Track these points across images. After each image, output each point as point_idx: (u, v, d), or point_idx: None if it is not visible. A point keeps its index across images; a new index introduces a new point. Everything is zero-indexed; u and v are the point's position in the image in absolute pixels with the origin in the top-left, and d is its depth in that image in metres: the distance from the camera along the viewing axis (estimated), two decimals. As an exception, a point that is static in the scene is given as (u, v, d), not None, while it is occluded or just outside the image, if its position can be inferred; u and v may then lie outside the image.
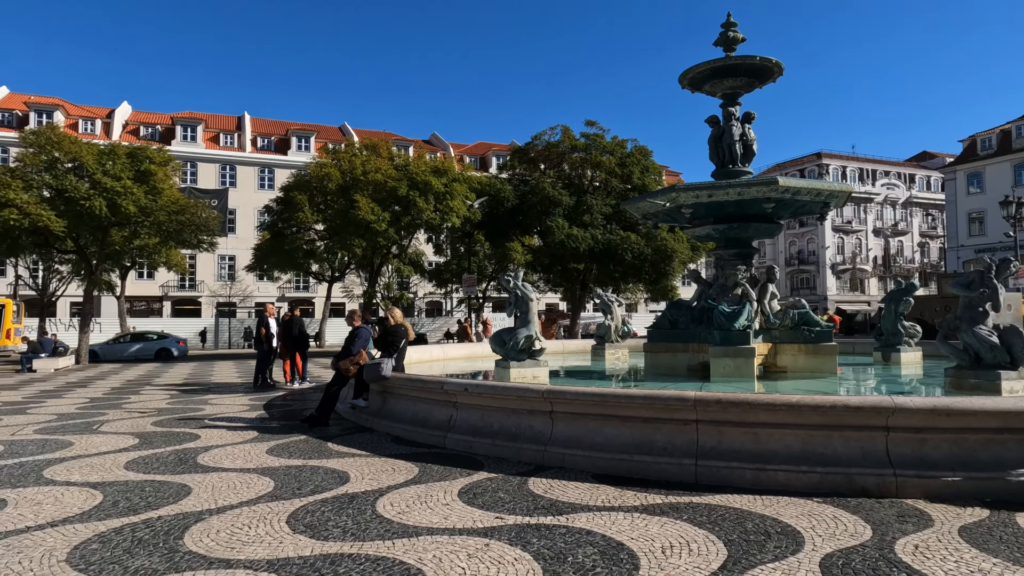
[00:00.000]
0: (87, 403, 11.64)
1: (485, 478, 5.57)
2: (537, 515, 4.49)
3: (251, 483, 5.48)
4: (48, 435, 8.08)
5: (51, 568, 3.61)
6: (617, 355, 14.30)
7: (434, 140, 64.64)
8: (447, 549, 3.83)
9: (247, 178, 52.51)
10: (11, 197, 21.52)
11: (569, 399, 6.10)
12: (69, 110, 50.23)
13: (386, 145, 32.63)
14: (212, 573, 3.51)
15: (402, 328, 9.06)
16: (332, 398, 8.73)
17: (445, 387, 7.27)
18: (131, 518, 4.52)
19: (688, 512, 4.51)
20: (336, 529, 4.23)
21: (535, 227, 32.21)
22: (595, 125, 32.44)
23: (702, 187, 9.70)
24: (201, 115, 54.80)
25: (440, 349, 16.80)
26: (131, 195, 22.93)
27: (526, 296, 9.26)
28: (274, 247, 32.10)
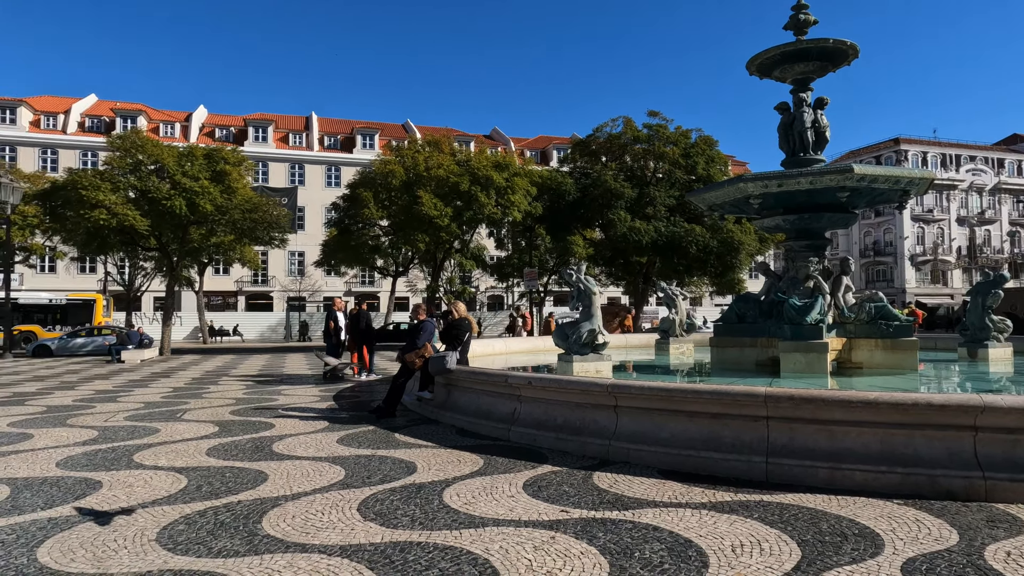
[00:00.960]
0: (170, 392, 12.29)
1: (549, 471, 5.58)
2: (602, 509, 4.47)
3: (323, 471, 5.67)
4: (137, 422, 8.58)
5: (143, 547, 3.83)
6: (681, 350, 14.05)
7: (495, 135, 64.93)
8: (513, 540, 3.87)
9: (315, 176, 54.15)
10: (101, 198, 22.87)
11: (634, 394, 6.03)
12: (151, 115, 52.97)
13: (448, 141, 32.98)
14: (289, 556, 3.65)
15: (466, 322, 9.17)
16: (399, 390, 8.93)
17: (509, 380, 7.31)
18: (213, 502, 4.75)
19: (759, 511, 4.39)
20: (405, 518, 4.33)
21: (597, 220, 31.94)
22: (658, 115, 31.86)
23: (771, 176, 9.39)
24: (271, 116, 56.79)
25: (502, 343, 16.91)
26: (208, 194, 24.00)
27: (589, 290, 9.20)
28: (341, 243, 32.98)
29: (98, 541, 3.92)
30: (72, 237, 26.20)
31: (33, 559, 3.64)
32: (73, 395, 11.98)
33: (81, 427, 8.19)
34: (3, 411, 9.80)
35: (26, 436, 7.57)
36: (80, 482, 5.35)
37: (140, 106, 53.58)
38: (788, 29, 9.94)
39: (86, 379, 15.52)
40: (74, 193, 23.53)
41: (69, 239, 27.22)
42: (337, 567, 3.49)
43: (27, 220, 31.47)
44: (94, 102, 55.05)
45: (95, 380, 15.18)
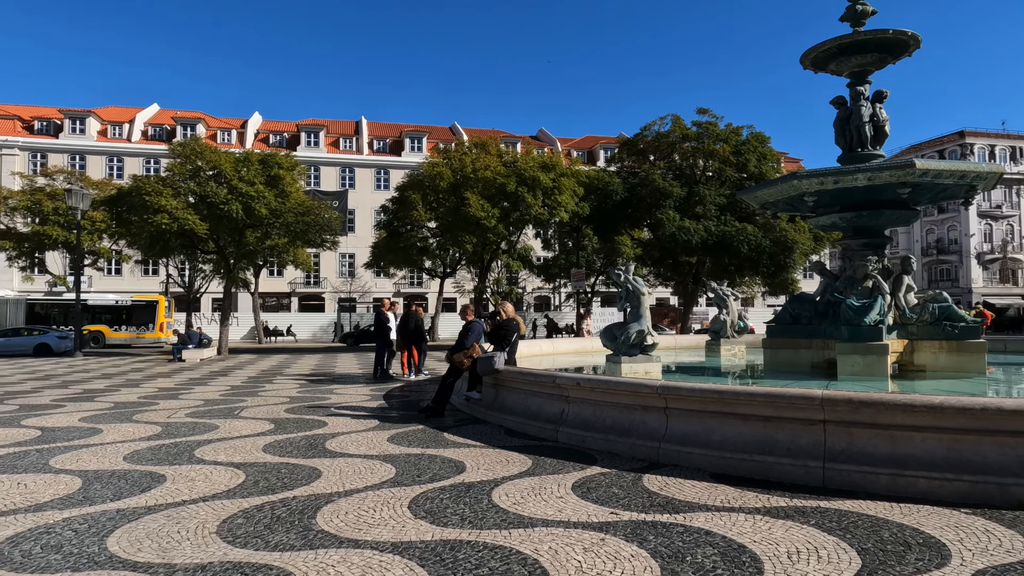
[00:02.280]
0: (228, 390, 12.70)
1: (598, 473, 5.54)
2: (653, 512, 4.42)
3: (374, 469, 5.77)
4: (197, 419, 8.90)
5: (204, 539, 3.97)
6: (733, 351, 13.78)
7: (541, 135, 64.92)
8: (562, 541, 3.86)
9: (365, 179, 55.17)
10: (163, 204, 23.82)
11: (684, 395, 5.94)
12: (209, 122, 54.90)
13: (495, 142, 33.16)
14: (342, 552, 3.73)
15: (514, 322, 9.20)
16: (447, 390, 9.01)
17: (557, 381, 7.30)
18: (270, 497, 4.89)
19: (816, 517, 4.27)
20: (455, 516, 4.37)
21: (645, 220, 31.61)
22: (707, 113, 31.34)
23: (827, 173, 9.11)
24: (323, 121, 58.12)
25: (550, 343, 16.90)
26: (263, 199, 24.74)
27: (637, 290, 9.12)
28: (390, 245, 33.52)
29: (163, 532, 4.08)
30: (136, 241, 27.40)
31: (103, 548, 3.81)
32: (138, 392, 12.50)
33: (146, 423, 8.55)
34: (75, 407, 10.30)
35: (96, 431, 7.94)
36: (145, 475, 5.58)
37: (199, 114, 55.59)
38: (844, 20, 9.64)
39: (149, 377, 16.18)
40: (138, 199, 24.59)
41: (134, 243, 28.49)
42: (389, 563, 3.55)
43: (96, 225, 33.03)
44: (156, 111, 57.37)
45: (158, 378, 15.81)
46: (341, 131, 58.04)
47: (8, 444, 7.08)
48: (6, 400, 11.30)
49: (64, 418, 9.06)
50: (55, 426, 8.35)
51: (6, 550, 3.78)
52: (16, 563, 3.58)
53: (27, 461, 6.20)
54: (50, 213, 34.08)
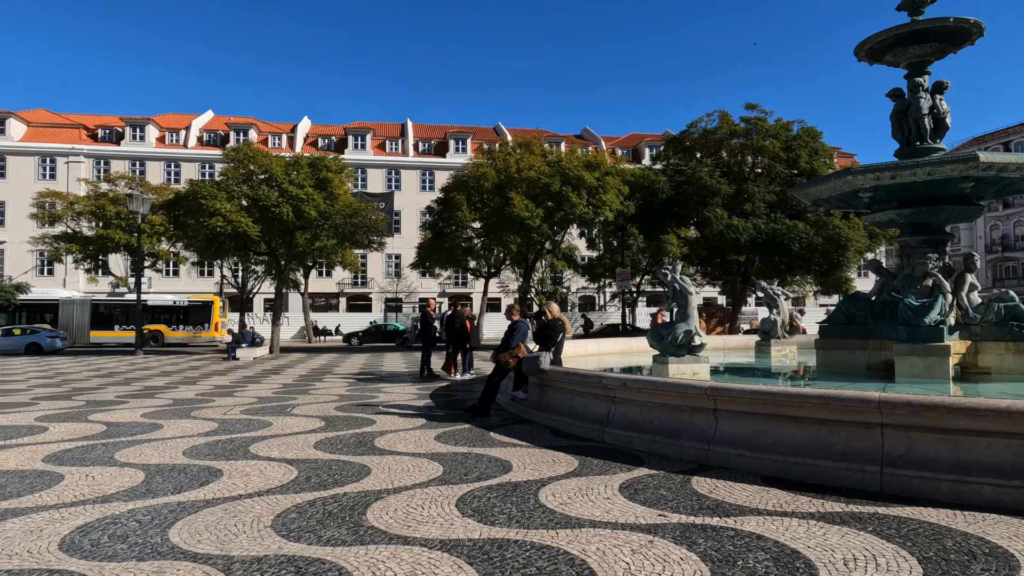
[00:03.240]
0: (280, 388, 13.04)
1: (646, 474, 5.49)
2: (702, 515, 4.35)
3: (422, 467, 5.85)
4: (251, 416, 9.17)
5: (259, 532, 4.09)
6: (784, 352, 13.43)
7: (585, 134, 64.60)
8: (610, 543, 3.83)
9: (410, 181, 55.85)
10: (217, 207, 24.62)
11: (734, 397, 5.83)
12: (260, 127, 56.42)
13: (538, 142, 33.12)
14: (392, 548, 3.79)
15: (559, 322, 9.18)
16: (493, 390, 9.05)
17: (603, 381, 7.26)
18: (321, 493, 5.00)
19: (873, 523, 4.13)
20: (502, 515, 4.39)
21: (691, 218, 31.12)
22: (756, 108, 30.63)
23: (884, 168, 8.80)
24: (369, 124, 59.08)
25: (595, 343, 16.79)
26: (312, 201, 25.32)
27: (684, 290, 8.99)
28: (435, 245, 33.83)
29: (220, 525, 4.22)
30: (193, 243, 28.37)
31: (166, 539, 3.97)
32: (195, 390, 12.95)
33: (203, 419, 8.85)
34: (137, 403, 10.74)
35: (156, 426, 8.26)
36: (204, 470, 5.78)
37: (251, 120, 57.17)
38: (902, 9, 9.29)
39: (206, 375, 16.74)
40: (194, 203, 25.47)
41: (190, 245, 29.49)
42: (438, 560, 3.59)
43: (155, 228, 34.35)
44: (211, 117, 59.28)
45: (213, 376, 16.33)
46: (387, 134, 58.89)
47: (77, 438, 7.43)
48: (74, 396, 11.86)
49: (127, 414, 9.46)
50: (119, 421, 8.73)
51: (76, 539, 3.97)
52: (86, 552, 3.75)
53: (94, 454, 6.50)
54: (113, 217, 35.62)
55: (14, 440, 7.33)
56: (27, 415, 9.37)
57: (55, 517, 4.40)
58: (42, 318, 37.00)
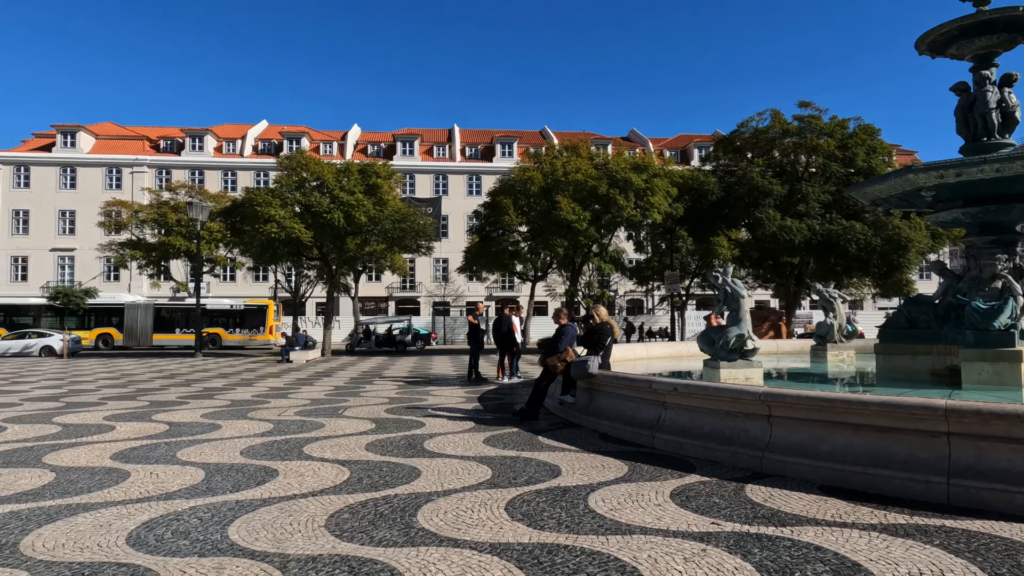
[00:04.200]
0: (332, 391, 13.32)
1: (697, 481, 5.39)
2: (757, 524, 4.25)
3: (471, 470, 5.88)
4: (305, 417, 9.39)
5: (313, 531, 4.18)
6: (841, 357, 13.01)
7: (632, 136, 64.04)
8: (662, 550, 3.78)
9: (457, 186, 56.38)
10: (272, 213, 25.36)
11: (790, 403, 5.67)
12: (312, 135, 57.88)
13: (585, 145, 33.03)
14: (443, 550, 3.82)
15: (607, 326, 9.10)
16: (541, 393, 9.03)
17: (653, 386, 7.16)
18: (373, 494, 5.08)
19: (940, 537, 3.96)
20: (551, 520, 4.38)
21: (742, 220, 30.50)
22: (810, 106, 29.85)
23: (948, 165, 8.44)
24: (417, 131, 59.92)
25: (643, 347, 16.61)
26: (363, 207, 25.83)
27: (736, 293, 8.80)
28: (482, 249, 34.06)
29: (277, 524, 4.33)
30: (249, 249, 29.29)
31: (225, 536, 4.09)
32: (251, 391, 13.34)
33: (259, 420, 9.11)
34: (197, 404, 11.13)
35: (215, 427, 8.54)
36: (260, 469, 5.95)
37: (303, 128, 58.68)
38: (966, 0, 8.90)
39: (261, 377, 17.23)
40: (250, 210, 26.30)
41: (246, 251, 30.46)
42: (487, 564, 3.60)
43: (213, 235, 35.57)
44: (265, 127, 61.11)
45: (268, 378, 16.80)
46: (435, 139, 59.62)
47: (142, 437, 7.75)
48: (139, 396, 12.37)
49: (188, 414, 9.81)
50: (180, 421, 9.06)
51: (142, 534, 4.13)
52: (151, 546, 3.90)
53: (158, 453, 6.76)
54: (174, 225, 37.06)
55: (85, 438, 7.69)
56: (96, 414, 9.82)
57: (122, 513, 4.59)
58: (109, 321, 38.78)
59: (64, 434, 8.01)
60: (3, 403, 11.38)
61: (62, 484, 5.44)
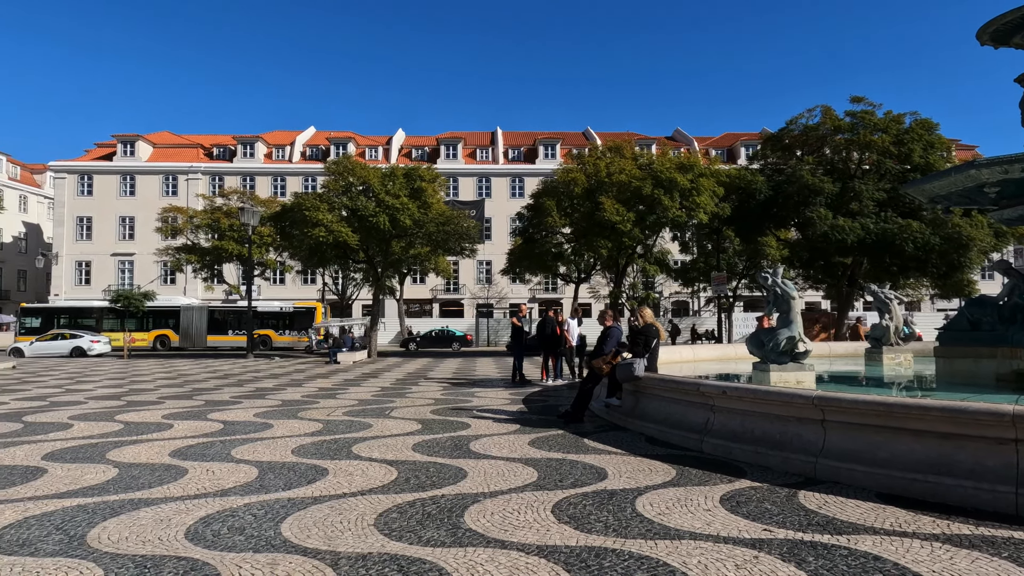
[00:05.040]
0: (379, 391, 13.51)
1: (748, 486, 5.28)
2: (811, 532, 4.13)
3: (517, 472, 5.88)
4: (353, 417, 9.55)
5: (363, 530, 4.25)
6: (897, 360, 12.57)
7: (677, 136, 63.20)
8: (712, 556, 3.71)
9: (500, 188, 56.57)
10: (320, 218, 25.89)
11: (845, 407, 5.50)
12: (358, 141, 58.91)
13: (629, 145, 32.70)
14: (490, 551, 3.83)
15: (653, 328, 8.99)
16: (586, 396, 8.98)
17: (701, 389, 7.04)
18: (420, 494, 5.13)
19: (1009, 549, 3.78)
20: (598, 523, 4.35)
21: (792, 219, 29.71)
22: (862, 101, 28.87)
23: (1013, 160, 8.05)
24: (460, 134, 60.37)
25: (690, 350, 16.36)
26: (407, 210, 26.15)
27: (787, 294, 8.59)
28: (525, 251, 34.04)
29: (327, 522, 4.41)
30: (298, 252, 29.96)
31: (278, 532, 4.19)
32: (301, 391, 13.64)
33: (309, 420, 9.30)
34: (250, 403, 11.44)
35: (267, 426, 8.76)
36: (311, 468, 6.07)
37: (349, 134, 59.78)
38: (1032, -13, 8.49)
39: (310, 377, 17.60)
40: (299, 214, 26.90)
41: (295, 254, 31.16)
42: (535, 566, 3.59)
43: (263, 239, 36.57)
44: (313, 133, 62.47)
45: (317, 379, 17.15)
46: (477, 142, 59.97)
47: (198, 435, 8.01)
48: (194, 396, 12.78)
49: (241, 413, 10.09)
50: (234, 420, 9.32)
51: (200, 529, 4.27)
52: (208, 541, 4.03)
53: (213, 451, 6.98)
54: (226, 229, 38.26)
55: (145, 436, 7.99)
56: (155, 413, 10.19)
57: (181, 508, 4.75)
58: (165, 323, 40.22)
59: (126, 431, 8.33)
60: (70, 401, 11.92)
61: (124, 480, 5.66)
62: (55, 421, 9.33)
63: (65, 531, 4.23)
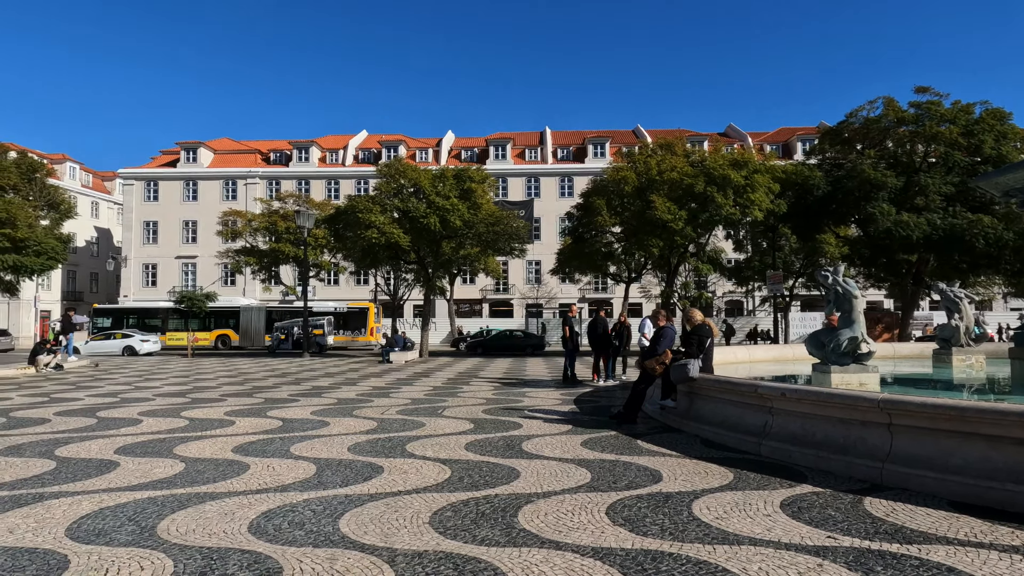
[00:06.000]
0: (431, 391, 13.67)
1: (810, 492, 5.11)
2: (879, 540, 3.97)
3: (570, 472, 5.85)
4: (406, 416, 9.68)
5: (418, 527, 4.29)
6: (968, 361, 12.00)
7: (730, 132, 61.88)
8: (773, 563, 3.60)
9: (549, 188, 56.49)
10: (372, 220, 26.36)
11: (913, 411, 5.27)
12: (409, 143, 59.75)
13: (680, 142, 32.17)
14: (544, 552, 3.81)
15: (707, 327, 8.81)
16: (639, 397, 8.86)
17: (759, 390, 6.86)
18: (473, 493, 5.16)
19: (1097, 563, 3.55)
20: (654, 526, 4.28)
21: (852, 215, 28.72)
22: (928, 91, 27.69)
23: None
24: (509, 134, 60.55)
25: (745, 350, 15.99)
26: (457, 211, 26.38)
27: (849, 293, 8.31)
28: (574, 251, 33.90)
29: (383, 518, 4.48)
30: (351, 254, 30.59)
31: (336, 528, 4.28)
32: (355, 390, 13.91)
33: (364, 418, 9.48)
34: (307, 401, 11.73)
35: (324, 423, 8.97)
36: (366, 466, 6.18)
37: (400, 137, 60.69)
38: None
39: (364, 376, 17.93)
40: (352, 216, 27.46)
41: (349, 256, 31.83)
42: (591, 568, 3.56)
43: (318, 241, 37.47)
44: (365, 137, 63.69)
45: (370, 378, 17.46)
46: (526, 142, 60.04)
47: (259, 432, 8.25)
48: (255, 394, 13.19)
49: (299, 411, 10.35)
50: (292, 417, 9.57)
51: (262, 523, 4.39)
52: (270, 535, 4.14)
53: (273, 447, 7.18)
54: (283, 232, 39.36)
55: (209, 432, 8.28)
56: (218, 410, 10.56)
57: (243, 503, 4.90)
58: (226, 323, 41.65)
59: (191, 427, 8.66)
60: (139, 398, 12.46)
61: (191, 474, 5.87)
62: (126, 417, 9.76)
63: (137, 522, 4.42)
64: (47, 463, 6.39)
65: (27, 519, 4.50)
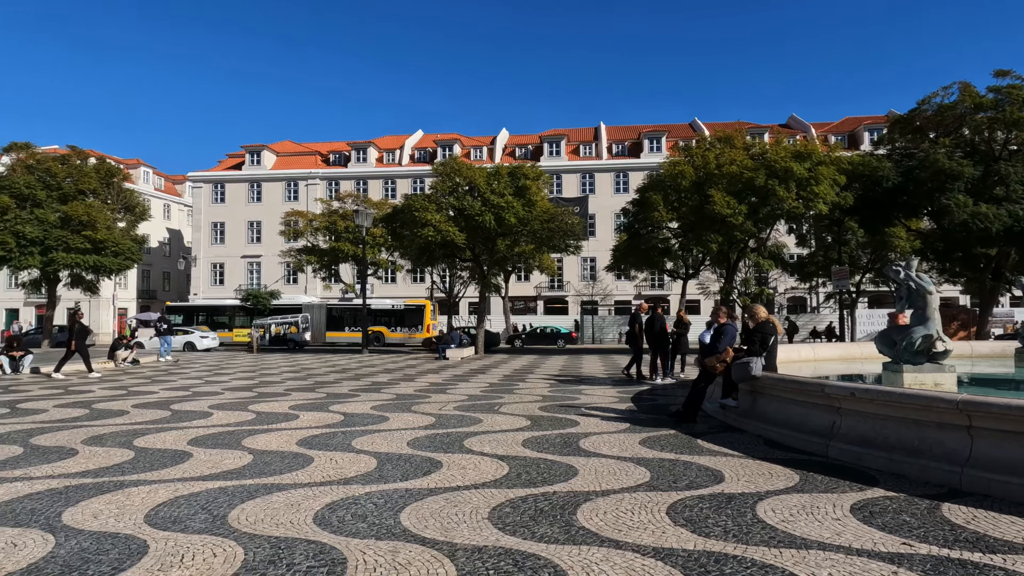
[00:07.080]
0: (487, 387, 13.75)
1: (882, 496, 4.90)
2: (959, 548, 3.77)
3: (628, 471, 5.78)
4: (463, 412, 9.77)
5: (477, 523, 4.32)
6: (1056, 361, 11.28)
7: (792, 123, 59.94)
8: (844, 569, 3.47)
9: (604, 184, 55.99)
10: (428, 218, 26.70)
11: (996, 413, 4.98)
12: (463, 142, 60.25)
13: (739, 135, 31.30)
14: (604, 551, 3.78)
15: (770, 324, 8.56)
16: (699, 395, 8.69)
17: (826, 390, 6.62)
18: (531, 490, 5.16)
19: None
20: (717, 528, 4.19)
21: (924, 207, 27.39)
22: (1009, 74, 26.12)
23: None
24: (563, 131, 60.31)
25: (810, 348, 15.48)
26: (512, 208, 26.44)
27: (923, 288, 7.93)
28: (630, 247, 33.47)
29: (443, 513, 4.53)
30: (408, 252, 31.08)
31: (397, 521, 4.35)
32: (413, 386, 14.13)
33: (422, 414, 9.62)
34: (367, 396, 11.99)
35: (384, 418, 9.14)
36: (425, 460, 6.27)
37: (455, 136, 61.26)
38: None
39: (421, 373, 18.20)
40: (408, 215, 27.89)
41: (405, 254, 32.36)
42: (652, 568, 3.51)
43: (376, 240, 38.26)
44: (420, 136, 64.57)
45: (428, 374, 17.70)
46: (581, 138, 59.67)
47: (321, 426, 8.48)
48: (317, 389, 13.56)
49: (359, 406, 10.59)
50: (353, 412, 9.80)
51: (326, 515, 4.51)
52: (334, 527, 4.25)
53: (335, 441, 7.36)
54: (343, 231, 40.35)
55: (275, 425, 8.56)
56: (283, 404, 10.90)
57: (308, 494, 5.04)
58: (290, 320, 43.02)
59: (258, 421, 8.97)
60: (209, 392, 12.99)
61: (258, 465, 6.08)
62: (197, 410, 10.19)
63: (209, 511, 4.60)
64: (126, 453, 6.73)
65: (109, 505, 4.75)
